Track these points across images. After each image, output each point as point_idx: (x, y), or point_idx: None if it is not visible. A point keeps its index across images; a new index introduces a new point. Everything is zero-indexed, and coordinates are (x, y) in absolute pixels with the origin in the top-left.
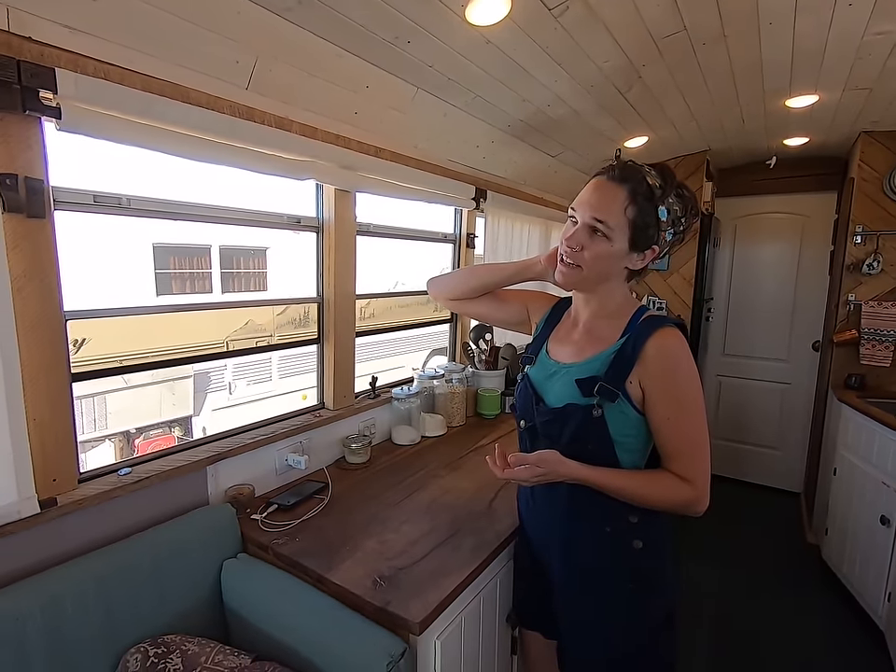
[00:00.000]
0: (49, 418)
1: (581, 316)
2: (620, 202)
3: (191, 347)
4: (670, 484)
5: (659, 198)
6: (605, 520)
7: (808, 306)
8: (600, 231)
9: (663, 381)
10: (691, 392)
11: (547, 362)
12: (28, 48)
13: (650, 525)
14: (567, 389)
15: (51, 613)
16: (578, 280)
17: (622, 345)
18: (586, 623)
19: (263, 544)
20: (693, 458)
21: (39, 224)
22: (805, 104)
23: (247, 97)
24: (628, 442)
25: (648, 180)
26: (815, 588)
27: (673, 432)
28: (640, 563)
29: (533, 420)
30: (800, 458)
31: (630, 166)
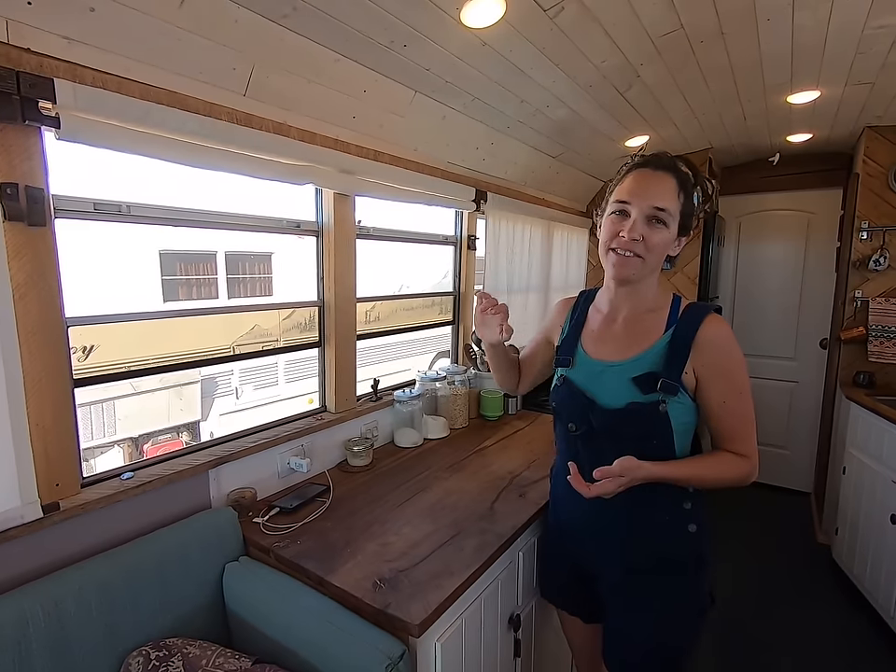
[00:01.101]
0: (52, 423)
1: (619, 311)
2: (673, 189)
3: (198, 352)
4: (733, 463)
5: (693, 184)
6: (663, 510)
7: (815, 303)
8: (660, 219)
9: (719, 367)
10: (742, 375)
11: (589, 362)
12: (27, 59)
13: (700, 511)
14: (624, 388)
15: (54, 617)
16: (639, 270)
17: (671, 337)
18: (642, 609)
19: (265, 547)
20: (749, 436)
21: (40, 232)
22: (806, 99)
23: (245, 104)
24: (684, 430)
25: (682, 168)
26: (826, 588)
27: (729, 414)
28: (696, 545)
29: (587, 423)
30: (809, 457)
31: (666, 156)
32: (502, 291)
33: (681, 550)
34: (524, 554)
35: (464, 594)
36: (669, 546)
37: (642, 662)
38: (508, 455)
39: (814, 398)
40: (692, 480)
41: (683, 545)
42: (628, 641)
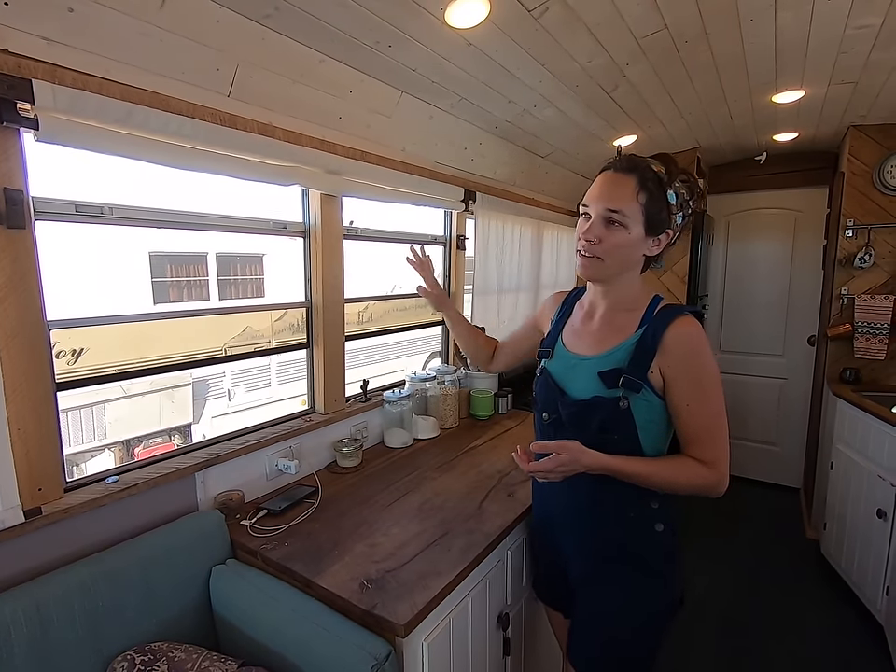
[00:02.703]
0: (34, 427)
1: (597, 308)
2: (631, 189)
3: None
4: (693, 469)
5: (667, 182)
6: (628, 506)
7: (803, 301)
8: (616, 220)
9: (683, 368)
10: (710, 378)
11: (566, 355)
12: (4, 60)
13: (669, 510)
14: (591, 381)
15: (36, 622)
16: (599, 271)
17: (641, 336)
18: (604, 602)
19: (252, 549)
20: (714, 442)
21: (20, 235)
22: (791, 99)
23: (229, 104)
24: (652, 429)
25: (653, 167)
26: (815, 583)
27: (693, 418)
28: (662, 543)
29: (557, 413)
30: (798, 453)
31: (634, 157)
32: (492, 290)
33: (647, 548)
34: (512, 553)
35: (451, 593)
36: (635, 543)
37: (601, 656)
38: (497, 454)
39: (802, 394)
40: (642, 477)
41: (649, 543)
42: (589, 634)
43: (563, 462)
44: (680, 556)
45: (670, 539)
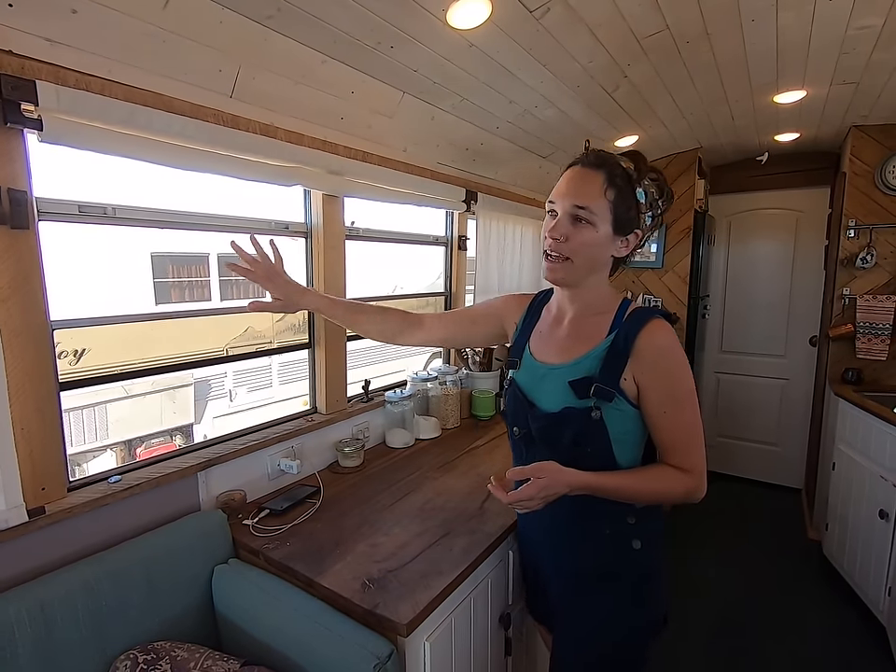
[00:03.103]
0: (37, 427)
1: (565, 313)
2: (599, 185)
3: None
4: (671, 477)
5: (636, 179)
6: (604, 523)
7: (804, 301)
8: (583, 217)
9: (657, 374)
10: (685, 383)
11: (534, 364)
12: (8, 61)
13: (647, 525)
14: (561, 392)
15: (40, 621)
16: (568, 273)
17: (612, 342)
18: (580, 622)
19: (254, 549)
20: (691, 448)
21: (23, 235)
22: (793, 99)
23: (232, 105)
24: (626, 439)
25: (622, 164)
26: (817, 584)
27: (670, 424)
28: (639, 561)
29: (527, 427)
30: (800, 454)
31: (602, 152)
32: (493, 291)
33: (624, 566)
34: (514, 553)
35: (453, 593)
36: (611, 560)
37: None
38: (498, 454)
39: (804, 395)
40: (622, 491)
41: (626, 561)
42: (566, 654)
43: (542, 486)
44: (662, 575)
45: (649, 557)
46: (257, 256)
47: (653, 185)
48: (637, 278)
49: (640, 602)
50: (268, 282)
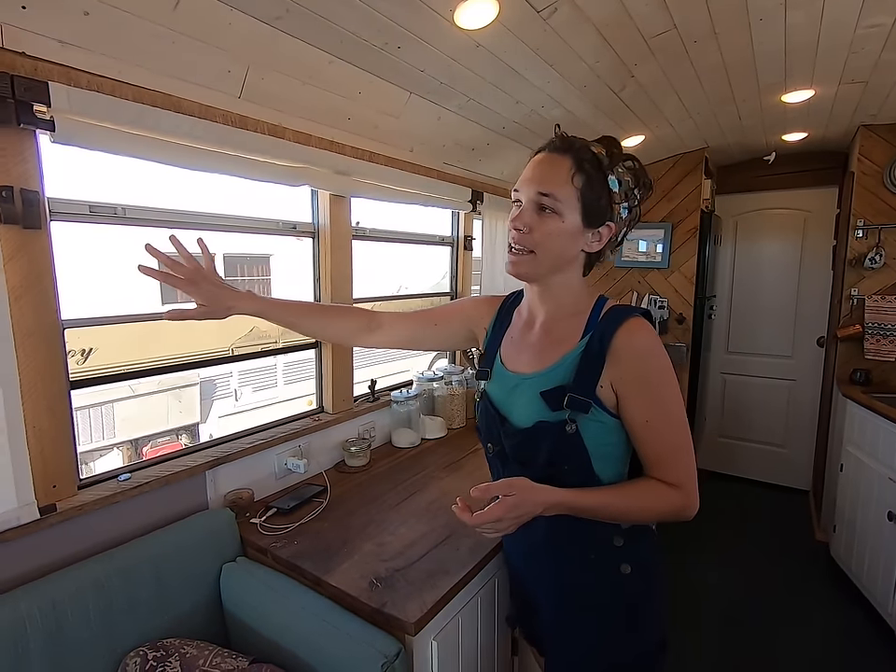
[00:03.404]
0: (49, 425)
1: (537, 316)
2: (565, 171)
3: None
4: (658, 493)
5: (607, 166)
6: (589, 546)
7: (812, 302)
8: (548, 206)
9: (638, 379)
10: (669, 389)
11: (505, 374)
12: (21, 63)
13: (636, 548)
14: (533, 405)
15: (51, 618)
16: (532, 267)
17: (586, 345)
18: (571, 651)
19: (262, 548)
20: (679, 461)
21: (35, 235)
22: (801, 98)
23: (240, 106)
24: (607, 453)
25: (592, 149)
26: (824, 586)
27: (654, 436)
28: (629, 588)
29: (501, 443)
30: (807, 455)
31: (571, 137)
32: (499, 291)
33: (612, 594)
34: None
35: (460, 592)
36: (599, 587)
37: None
38: None
39: (811, 396)
40: (603, 510)
41: (614, 588)
42: None
43: (511, 505)
44: (657, 598)
45: (641, 583)
46: (181, 258)
47: (628, 173)
48: (643, 278)
49: (634, 627)
50: (189, 285)
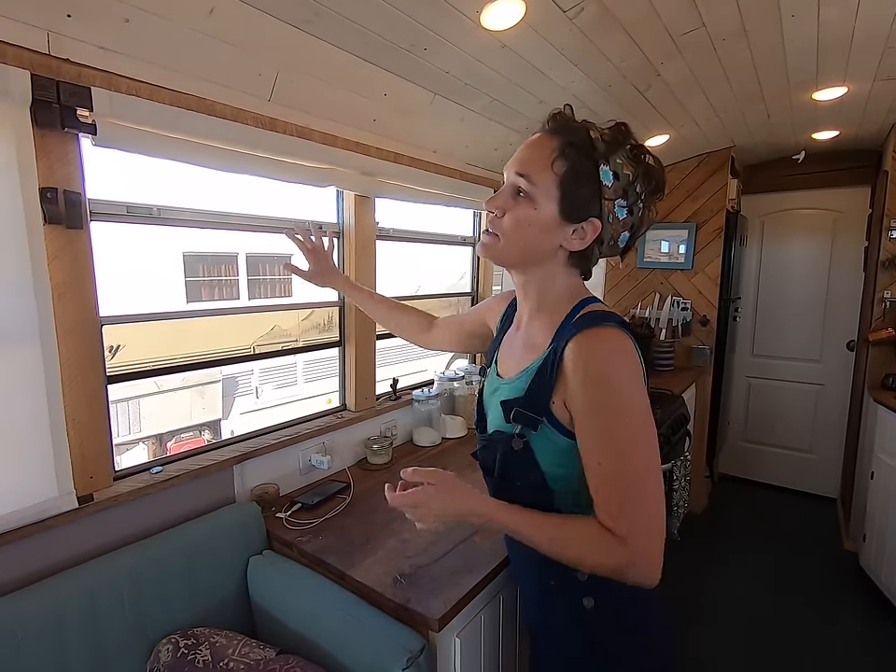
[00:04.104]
0: (87, 418)
1: (522, 315)
2: (547, 154)
3: (220, 352)
4: (597, 541)
5: (602, 153)
6: (549, 571)
7: (842, 304)
8: (523, 190)
9: (584, 408)
10: (623, 425)
11: (492, 376)
12: (66, 69)
13: (604, 583)
14: (498, 411)
15: (88, 604)
16: (496, 253)
17: (547, 354)
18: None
19: (288, 541)
20: (628, 510)
21: (77, 234)
22: (833, 96)
23: (270, 108)
24: (566, 476)
25: (591, 133)
26: (853, 596)
27: (598, 471)
28: (593, 626)
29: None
30: (835, 462)
31: (570, 117)
32: None
33: (574, 632)
34: None
35: (483, 591)
36: (557, 619)
37: None
38: None
39: (840, 401)
40: (532, 538)
41: (575, 625)
42: None
43: (426, 495)
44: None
45: (605, 624)
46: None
47: (629, 164)
48: (666, 280)
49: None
50: (311, 254)
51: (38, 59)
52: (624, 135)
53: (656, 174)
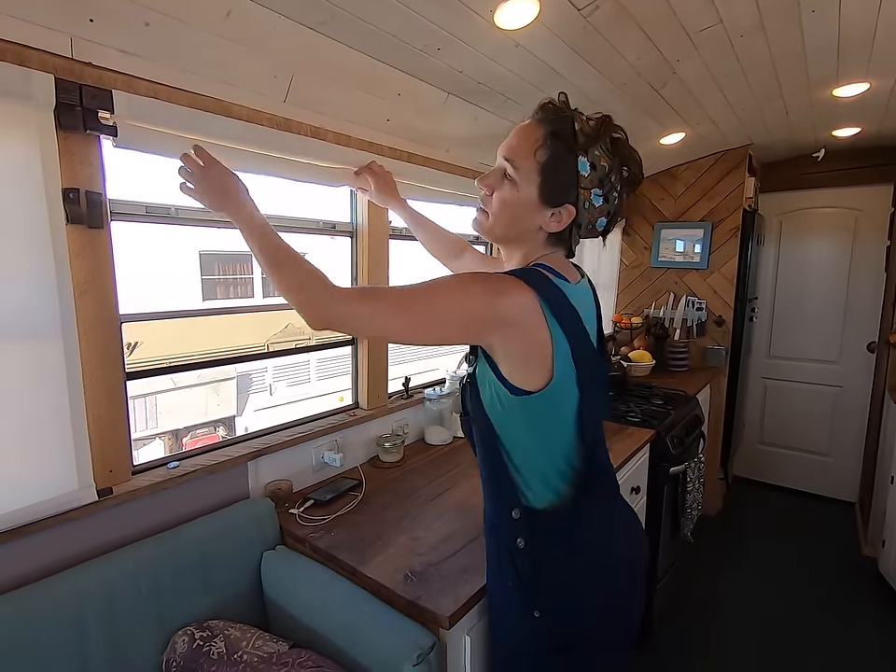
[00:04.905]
0: (107, 414)
1: None
2: (532, 142)
3: (234, 349)
4: (316, 275)
5: (581, 145)
6: (493, 510)
7: (862, 305)
8: (509, 173)
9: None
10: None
11: None
12: (88, 72)
13: (532, 525)
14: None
15: (108, 595)
16: (486, 228)
17: None
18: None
19: (300, 537)
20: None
21: (98, 234)
22: (854, 92)
23: (285, 109)
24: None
25: (575, 124)
26: (872, 603)
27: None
28: (520, 564)
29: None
30: (854, 465)
31: (559, 107)
32: None
33: (503, 563)
34: None
35: None
36: (495, 555)
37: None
38: None
39: (860, 403)
40: (262, 236)
41: (507, 558)
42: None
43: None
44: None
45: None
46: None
47: (605, 156)
48: (681, 279)
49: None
50: (374, 175)
51: (61, 63)
52: (606, 128)
53: (632, 166)
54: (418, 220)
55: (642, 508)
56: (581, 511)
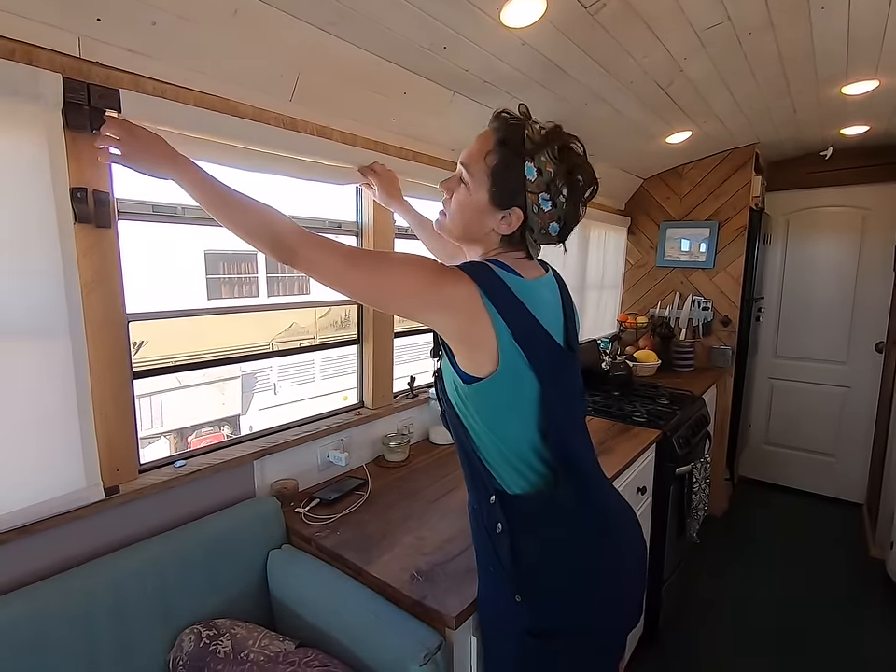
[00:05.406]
0: (114, 412)
1: None
2: (485, 148)
3: (239, 349)
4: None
5: (528, 151)
6: (474, 496)
7: (870, 305)
8: (463, 177)
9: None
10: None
11: None
12: (96, 71)
13: (508, 510)
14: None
15: (115, 593)
16: (446, 229)
17: None
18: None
19: (306, 536)
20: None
21: (105, 233)
22: (863, 90)
23: (291, 108)
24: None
25: (525, 132)
26: (879, 605)
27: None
28: (500, 549)
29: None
30: (862, 467)
31: (513, 116)
32: None
33: (483, 547)
34: None
35: None
36: (477, 538)
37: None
38: None
39: (867, 404)
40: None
41: (486, 542)
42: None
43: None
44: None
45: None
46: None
47: (551, 163)
48: (686, 279)
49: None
50: (377, 177)
51: (69, 62)
52: (554, 137)
53: (582, 174)
54: (420, 221)
55: (648, 508)
56: (556, 497)
